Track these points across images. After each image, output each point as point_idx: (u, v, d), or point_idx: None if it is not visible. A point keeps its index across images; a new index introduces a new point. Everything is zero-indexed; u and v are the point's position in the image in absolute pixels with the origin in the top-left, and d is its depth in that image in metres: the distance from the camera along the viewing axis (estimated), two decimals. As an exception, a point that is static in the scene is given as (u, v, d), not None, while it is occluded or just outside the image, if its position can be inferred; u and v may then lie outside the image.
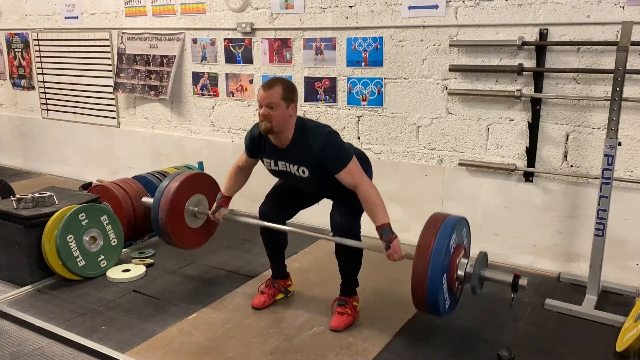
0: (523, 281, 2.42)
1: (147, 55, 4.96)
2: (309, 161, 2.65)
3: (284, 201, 2.97)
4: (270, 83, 2.63)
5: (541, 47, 3.29)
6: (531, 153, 3.45)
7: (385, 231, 2.57)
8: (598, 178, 2.98)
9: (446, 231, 2.40)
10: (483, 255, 2.53)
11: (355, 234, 2.77)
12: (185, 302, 3.11)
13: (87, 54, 5.46)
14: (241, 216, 3.17)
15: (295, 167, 2.71)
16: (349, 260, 2.84)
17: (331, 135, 2.65)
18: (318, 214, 3.20)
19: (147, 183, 4.15)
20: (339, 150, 2.63)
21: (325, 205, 2.95)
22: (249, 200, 4.67)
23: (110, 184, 4.01)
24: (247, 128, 4.60)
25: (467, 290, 3.22)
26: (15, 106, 6.37)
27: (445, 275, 2.37)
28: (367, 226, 4.07)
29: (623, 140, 3.08)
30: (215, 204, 3.10)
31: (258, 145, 2.82)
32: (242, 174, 3.06)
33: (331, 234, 2.79)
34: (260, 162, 2.92)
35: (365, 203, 2.60)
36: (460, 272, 2.46)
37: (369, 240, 2.78)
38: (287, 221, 3.01)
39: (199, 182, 3.26)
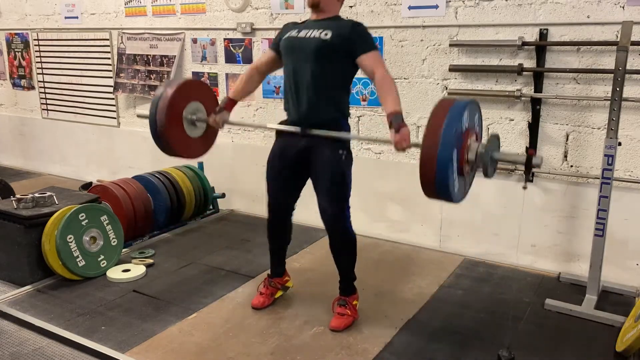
0: (537, 160, 2.27)
1: (147, 55, 4.96)
2: (337, 30, 2.63)
3: (284, 187, 2.90)
4: None
5: (541, 47, 3.29)
6: (531, 153, 3.45)
7: (396, 118, 2.49)
8: (598, 178, 2.98)
9: (457, 111, 2.24)
10: (495, 137, 2.39)
11: (347, 226, 2.77)
12: (185, 302, 3.11)
13: (87, 54, 5.46)
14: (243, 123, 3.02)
15: (319, 31, 2.65)
16: (344, 251, 2.84)
17: (366, 28, 2.69)
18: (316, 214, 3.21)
19: (147, 183, 4.15)
20: (370, 36, 2.67)
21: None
22: (249, 200, 4.69)
23: (110, 184, 4.01)
24: (247, 128, 4.61)
25: (466, 291, 3.24)
26: (15, 106, 6.37)
27: (455, 153, 2.21)
28: (367, 226, 4.07)
29: (623, 140, 3.08)
30: (218, 107, 2.98)
31: (293, 26, 2.79)
32: (256, 76, 2.97)
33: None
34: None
35: (380, 88, 2.57)
36: (472, 156, 2.29)
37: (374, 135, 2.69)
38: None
39: (195, 89, 3.09)
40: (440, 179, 2.19)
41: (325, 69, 2.66)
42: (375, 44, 2.66)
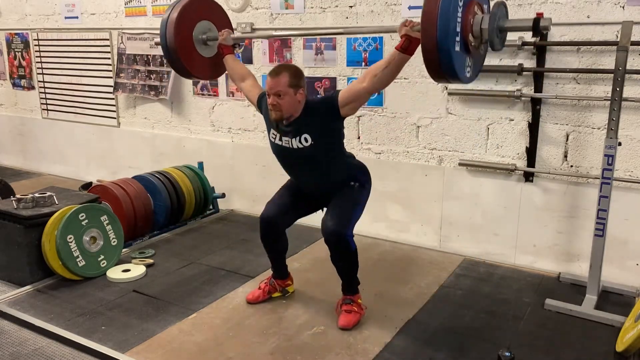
0: (545, 22, 2.11)
1: (147, 55, 4.96)
2: (312, 123, 2.65)
3: (285, 207, 2.94)
4: (277, 71, 2.63)
5: (541, 47, 3.29)
6: (531, 153, 3.45)
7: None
8: (598, 178, 2.98)
9: None
10: (501, 4, 2.24)
11: (348, 241, 2.73)
12: (185, 302, 3.11)
13: (87, 54, 5.46)
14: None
15: (298, 137, 2.67)
16: (345, 265, 2.83)
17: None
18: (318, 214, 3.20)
19: (147, 183, 4.15)
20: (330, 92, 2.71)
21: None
22: (249, 200, 4.69)
23: (110, 184, 4.01)
24: (247, 128, 4.61)
25: (466, 291, 3.24)
26: (15, 106, 6.37)
27: (458, 21, 2.08)
28: (367, 226, 4.07)
29: (623, 140, 3.08)
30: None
31: (267, 111, 2.79)
32: (242, 79, 3.02)
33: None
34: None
35: (375, 69, 2.51)
36: (476, 27, 2.16)
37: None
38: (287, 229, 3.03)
39: (202, 6, 3.08)
40: (443, 51, 2.04)
41: (319, 161, 2.74)
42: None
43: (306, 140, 2.67)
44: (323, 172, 2.81)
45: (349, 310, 2.84)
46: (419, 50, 3.66)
